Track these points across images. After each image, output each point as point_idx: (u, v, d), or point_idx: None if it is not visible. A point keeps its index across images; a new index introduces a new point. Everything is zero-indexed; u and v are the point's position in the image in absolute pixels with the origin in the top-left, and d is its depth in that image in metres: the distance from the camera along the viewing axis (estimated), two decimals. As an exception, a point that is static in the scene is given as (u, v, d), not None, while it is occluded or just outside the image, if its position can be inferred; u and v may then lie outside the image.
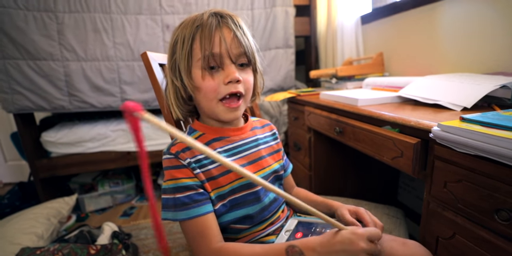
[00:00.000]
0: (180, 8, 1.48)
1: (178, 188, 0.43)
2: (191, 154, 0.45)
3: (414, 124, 0.52)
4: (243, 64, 0.45)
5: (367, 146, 0.65)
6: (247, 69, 0.46)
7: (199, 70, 0.43)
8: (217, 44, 0.42)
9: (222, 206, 0.46)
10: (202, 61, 0.42)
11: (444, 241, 0.48)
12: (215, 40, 0.42)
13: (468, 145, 0.38)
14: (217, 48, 0.42)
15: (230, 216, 0.46)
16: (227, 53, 0.42)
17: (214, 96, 0.44)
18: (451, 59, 0.94)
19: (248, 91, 0.46)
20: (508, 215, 0.36)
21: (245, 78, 0.45)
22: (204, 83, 0.43)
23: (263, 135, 0.55)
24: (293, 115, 1.19)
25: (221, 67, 0.43)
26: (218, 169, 0.46)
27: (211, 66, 0.43)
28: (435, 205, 0.50)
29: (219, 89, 0.43)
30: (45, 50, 1.31)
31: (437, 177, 0.48)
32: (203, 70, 0.43)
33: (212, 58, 0.42)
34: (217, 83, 0.43)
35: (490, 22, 0.80)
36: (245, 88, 0.45)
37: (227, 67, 0.43)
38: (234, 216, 0.46)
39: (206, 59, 0.42)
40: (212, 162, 0.46)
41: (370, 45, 1.37)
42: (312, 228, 0.48)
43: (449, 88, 0.67)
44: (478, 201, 0.41)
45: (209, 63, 0.42)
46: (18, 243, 1.04)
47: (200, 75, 0.43)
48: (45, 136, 1.41)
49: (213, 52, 0.42)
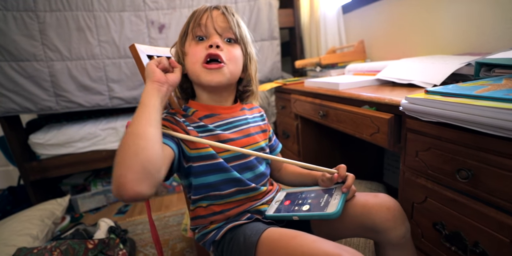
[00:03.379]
0: (164, 4, 1.48)
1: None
2: (189, 121, 0.50)
3: (388, 101, 0.56)
4: (230, 39, 0.50)
5: (348, 125, 0.69)
6: (235, 45, 0.51)
7: (191, 40, 0.50)
8: (205, 18, 0.49)
9: (207, 165, 0.48)
10: (190, 33, 0.49)
11: (418, 205, 0.53)
12: (203, 16, 0.49)
13: (431, 113, 0.42)
14: (204, 20, 0.49)
15: (221, 176, 0.49)
16: (212, 25, 0.48)
17: (197, 59, 0.48)
18: (425, 43, 0.99)
19: (231, 62, 0.49)
20: (466, 173, 0.40)
21: (228, 48, 0.49)
22: (191, 48, 0.49)
23: (252, 116, 0.58)
24: (281, 104, 1.22)
25: (206, 38, 0.49)
26: (210, 138, 0.49)
27: (198, 35, 0.49)
28: (410, 174, 0.54)
29: (201, 53, 0.48)
30: (27, 50, 1.29)
31: (409, 148, 0.52)
32: (192, 40, 0.50)
33: (199, 28, 0.49)
34: (199, 48, 0.48)
35: (459, 9, 0.84)
36: (227, 57, 0.49)
37: (211, 36, 0.49)
38: (227, 177, 0.49)
39: (193, 30, 0.49)
40: (204, 132, 0.49)
41: (352, 33, 1.41)
42: (298, 196, 0.51)
43: (422, 69, 0.71)
44: (443, 165, 0.45)
45: (196, 33, 0.49)
46: (13, 245, 1.04)
47: (189, 45, 0.50)
48: (33, 138, 1.40)
49: (200, 22, 0.49)
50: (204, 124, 0.50)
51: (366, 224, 0.46)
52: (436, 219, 0.49)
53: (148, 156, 0.35)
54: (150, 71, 0.44)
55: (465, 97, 0.37)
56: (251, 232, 0.44)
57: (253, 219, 0.49)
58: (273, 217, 0.49)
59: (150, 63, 0.45)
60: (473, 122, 0.35)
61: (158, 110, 0.41)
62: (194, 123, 0.50)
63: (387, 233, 0.44)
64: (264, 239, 0.42)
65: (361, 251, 0.56)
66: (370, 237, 0.48)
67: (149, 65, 0.45)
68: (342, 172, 0.48)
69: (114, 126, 1.47)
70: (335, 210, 0.42)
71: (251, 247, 0.41)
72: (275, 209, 0.50)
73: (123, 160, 0.35)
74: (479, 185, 0.40)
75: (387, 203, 0.45)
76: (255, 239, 0.42)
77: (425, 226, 0.52)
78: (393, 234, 0.44)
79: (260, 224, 0.47)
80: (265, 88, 1.17)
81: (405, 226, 0.45)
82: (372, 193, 0.49)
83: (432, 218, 0.50)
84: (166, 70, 0.47)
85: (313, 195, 0.50)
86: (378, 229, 0.45)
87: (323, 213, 0.43)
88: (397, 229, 0.44)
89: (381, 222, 0.44)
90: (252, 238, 0.42)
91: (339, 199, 0.45)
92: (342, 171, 0.49)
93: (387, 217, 0.44)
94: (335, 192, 0.48)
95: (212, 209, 0.50)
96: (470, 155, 0.41)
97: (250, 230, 0.45)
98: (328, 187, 0.50)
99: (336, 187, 0.49)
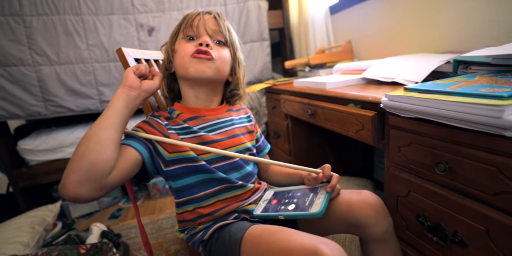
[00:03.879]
0: (153, 7, 1.48)
1: (134, 130, 0.48)
2: (171, 123, 0.50)
3: (371, 99, 0.58)
4: (220, 42, 0.53)
5: (335, 124, 0.70)
6: (224, 47, 0.53)
7: (181, 39, 0.52)
8: (196, 20, 0.52)
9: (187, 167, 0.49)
10: (181, 32, 0.51)
11: (402, 199, 0.54)
12: (195, 18, 0.52)
13: (409, 110, 0.44)
14: (196, 21, 0.52)
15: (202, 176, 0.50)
16: (203, 26, 0.51)
17: (186, 53, 0.50)
18: (410, 42, 1.02)
19: (219, 60, 0.51)
20: (444, 166, 0.42)
21: (217, 48, 0.52)
22: (180, 46, 0.51)
23: (238, 117, 0.59)
24: (271, 105, 1.23)
25: (197, 38, 0.52)
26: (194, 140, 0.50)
27: (189, 35, 0.51)
28: (393, 169, 0.55)
29: (190, 48, 0.50)
30: (14, 55, 1.27)
31: (392, 144, 0.54)
32: (182, 39, 0.52)
33: (191, 28, 0.51)
34: (190, 45, 0.51)
35: (441, 8, 0.87)
36: (216, 55, 0.51)
37: (202, 36, 0.51)
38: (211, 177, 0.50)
39: (185, 30, 0.51)
40: (188, 134, 0.50)
41: (339, 33, 1.44)
42: (285, 195, 0.52)
43: (404, 67, 0.73)
44: (423, 159, 0.47)
45: (187, 32, 0.51)
46: (3, 253, 1.02)
47: (180, 42, 0.52)
48: (21, 144, 1.38)
49: (192, 23, 0.51)
50: (188, 126, 0.51)
51: (350, 220, 0.47)
52: (419, 211, 0.51)
53: (93, 159, 0.36)
54: (124, 76, 0.45)
55: (439, 93, 0.39)
56: (236, 230, 0.45)
57: (240, 218, 0.50)
58: (260, 216, 0.50)
59: (128, 69, 0.46)
60: (446, 116, 0.37)
61: (119, 113, 0.41)
62: (177, 125, 0.50)
63: (370, 229, 0.46)
64: (247, 236, 0.43)
65: (347, 246, 0.57)
66: (355, 233, 0.49)
67: (126, 71, 0.46)
68: (327, 172, 0.50)
69: (105, 130, 1.46)
70: (318, 210, 0.44)
71: (236, 244, 0.42)
72: (263, 209, 0.51)
73: (71, 160, 0.36)
74: (456, 177, 0.42)
75: (370, 200, 0.47)
76: (240, 236, 0.43)
77: (409, 218, 0.53)
78: (376, 230, 0.46)
79: (245, 223, 0.48)
80: (255, 89, 1.18)
81: (387, 221, 0.47)
82: (356, 190, 0.50)
83: (415, 210, 0.51)
84: (144, 77, 0.48)
85: (299, 194, 0.51)
86: (362, 225, 0.46)
87: (307, 213, 0.45)
88: (380, 225, 0.46)
89: (364, 219, 0.46)
90: (236, 236, 0.43)
91: (323, 198, 0.46)
92: (326, 171, 0.50)
93: (370, 214, 0.46)
94: (319, 191, 0.49)
95: (198, 212, 0.51)
96: (447, 148, 0.42)
97: (235, 228, 0.46)
98: (314, 186, 0.52)
99: (321, 186, 0.50)
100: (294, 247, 0.36)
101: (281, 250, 0.37)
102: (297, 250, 0.35)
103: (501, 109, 0.29)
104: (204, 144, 0.49)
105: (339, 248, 0.35)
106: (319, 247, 0.34)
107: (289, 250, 0.36)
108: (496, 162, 0.36)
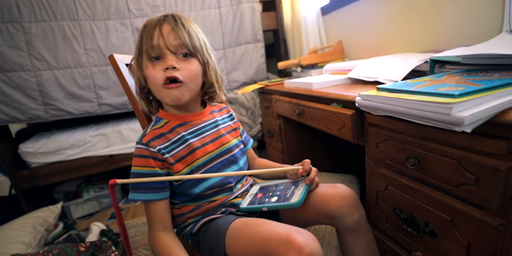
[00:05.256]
0: (148, 11, 1.51)
1: (141, 174, 0.50)
2: (162, 141, 0.52)
3: (351, 98, 0.60)
4: (186, 54, 0.50)
5: (320, 122, 0.73)
6: (191, 59, 0.51)
7: (147, 62, 0.50)
8: (156, 38, 0.48)
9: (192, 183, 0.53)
10: (145, 54, 0.49)
11: (381, 193, 0.57)
12: (154, 34, 0.49)
13: (379, 108, 0.46)
14: (156, 41, 0.48)
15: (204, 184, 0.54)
16: (164, 45, 0.48)
17: (158, 82, 0.49)
18: (397, 41, 1.04)
19: (189, 79, 0.50)
20: (414, 161, 0.45)
21: (184, 66, 0.50)
22: (148, 71, 0.50)
23: (221, 117, 0.62)
24: (264, 105, 1.26)
25: (162, 57, 0.49)
26: (185, 150, 0.53)
27: (152, 56, 0.49)
28: (373, 164, 0.58)
29: (159, 75, 0.49)
30: (14, 61, 1.31)
31: (371, 141, 0.57)
32: (148, 61, 0.50)
33: (152, 50, 0.49)
34: (157, 71, 0.49)
35: (426, 9, 0.90)
36: (184, 75, 0.49)
37: (166, 57, 0.49)
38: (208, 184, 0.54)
39: (147, 51, 0.49)
40: (180, 145, 0.53)
41: (331, 34, 1.47)
42: (269, 188, 0.56)
43: (386, 67, 0.75)
44: (397, 154, 0.50)
45: (150, 54, 0.49)
46: (6, 253, 1.05)
47: (145, 66, 0.50)
48: (23, 147, 1.41)
49: (153, 44, 0.48)
50: (178, 138, 0.53)
51: (325, 211, 0.50)
52: (396, 204, 0.53)
53: None
54: None
55: (404, 93, 0.41)
56: (222, 223, 0.48)
57: (227, 213, 0.53)
58: (245, 209, 0.54)
59: None
60: (408, 114, 0.39)
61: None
62: (168, 141, 0.52)
63: (343, 219, 0.49)
64: (231, 229, 0.46)
65: (326, 238, 0.60)
66: (331, 224, 0.52)
67: None
68: (306, 167, 0.53)
69: (104, 132, 1.49)
70: (297, 200, 0.47)
71: (222, 236, 0.45)
72: (249, 202, 0.55)
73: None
74: (425, 170, 0.44)
75: (343, 192, 0.50)
76: (224, 229, 0.46)
77: (387, 211, 0.56)
78: (349, 220, 0.49)
79: (231, 216, 0.51)
80: (248, 89, 1.21)
81: (358, 212, 0.50)
82: (332, 184, 0.54)
83: (392, 204, 0.54)
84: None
85: (282, 187, 0.54)
86: (335, 215, 0.49)
87: (287, 204, 0.48)
88: (352, 215, 0.49)
89: (337, 210, 0.49)
90: (222, 229, 0.47)
91: (302, 190, 0.49)
92: (306, 165, 0.53)
93: (341, 205, 0.49)
94: (300, 184, 0.52)
95: (186, 208, 0.54)
96: (416, 144, 0.45)
97: (221, 222, 0.49)
98: (295, 180, 0.55)
99: (301, 179, 0.54)
100: (271, 236, 0.39)
101: (260, 240, 0.41)
102: (274, 239, 0.39)
103: (449, 107, 0.32)
104: (194, 150, 0.53)
105: (312, 236, 0.39)
106: (293, 235, 0.38)
107: (267, 239, 0.40)
108: (456, 156, 0.38)
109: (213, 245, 0.47)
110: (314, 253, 0.37)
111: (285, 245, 0.37)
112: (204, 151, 0.55)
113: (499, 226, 0.35)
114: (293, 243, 0.37)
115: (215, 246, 0.46)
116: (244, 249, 0.43)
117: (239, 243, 0.44)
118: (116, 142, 1.51)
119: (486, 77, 0.40)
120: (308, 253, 0.36)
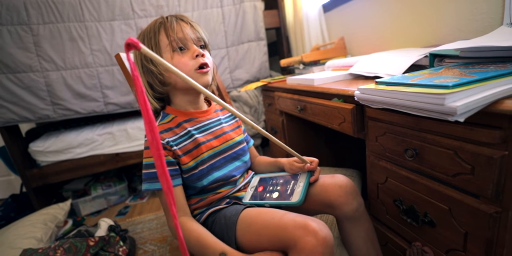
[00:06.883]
0: (152, 11, 1.54)
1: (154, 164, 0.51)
2: (170, 134, 0.54)
3: (351, 93, 0.61)
4: (201, 46, 0.57)
5: (321, 117, 0.74)
6: (205, 50, 0.58)
7: (169, 54, 0.53)
8: (180, 31, 0.54)
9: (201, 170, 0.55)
10: (171, 46, 0.53)
11: (381, 185, 0.58)
12: (176, 29, 0.54)
13: (378, 101, 0.47)
14: (180, 34, 0.54)
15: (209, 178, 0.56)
16: (189, 37, 0.54)
17: (190, 68, 0.53)
18: (399, 37, 1.04)
19: (212, 66, 0.57)
20: (412, 152, 0.46)
21: (206, 55, 0.57)
22: (175, 60, 0.53)
23: (224, 116, 0.65)
24: (267, 102, 1.27)
25: (186, 48, 0.55)
26: (191, 144, 0.56)
27: (178, 47, 0.54)
28: (373, 157, 0.59)
29: (190, 62, 0.53)
30: (23, 62, 1.35)
31: (371, 134, 0.58)
32: (173, 52, 0.53)
33: (179, 41, 0.54)
34: (186, 59, 0.54)
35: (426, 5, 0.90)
36: (210, 63, 0.56)
37: (191, 47, 0.54)
38: (213, 178, 0.56)
39: (174, 42, 0.53)
40: (186, 139, 0.55)
41: (333, 31, 1.47)
42: (269, 182, 0.57)
43: (387, 62, 0.76)
44: (396, 147, 0.51)
45: (174, 46, 0.53)
46: (19, 247, 1.09)
47: (170, 57, 0.53)
48: (33, 146, 1.46)
49: (179, 36, 0.53)
50: (185, 133, 0.56)
51: (324, 201, 0.52)
52: (396, 196, 0.54)
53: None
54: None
55: (401, 85, 0.42)
56: (231, 213, 0.51)
57: (231, 203, 0.55)
58: (249, 204, 0.56)
59: None
60: (405, 106, 0.41)
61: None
62: (175, 135, 0.55)
63: (342, 208, 0.51)
64: (242, 217, 0.48)
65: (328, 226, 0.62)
66: (330, 213, 0.54)
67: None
68: (314, 166, 0.55)
69: (110, 131, 1.53)
70: (298, 199, 0.50)
71: (232, 225, 0.48)
72: (251, 196, 0.57)
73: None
74: (423, 162, 0.45)
75: (341, 182, 0.52)
76: (235, 219, 0.48)
77: (388, 203, 0.57)
78: (347, 209, 0.50)
79: (238, 206, 0.53)
80: (251, 87, 1.23)
81: (356, 201, 0.51)
82: (331, 175, 0.55)
83: (393, 195, 0.55)
84: None
85: (281, 181, 0.56)
86: (334, 205, 0.51)
87: (288, 202, 0.51)
88: (349, 204, 0.51)
89: (335, 199, 0.51)
90: (232, 218, 0.49)
91: (302, 187, 0.51)
92: (314, 164, 0.55)
93: (340, 194, 0.50)
94: (299, 178, 0.54)
95: (191, 201, 0.57)
96: (414, 136, 0.46)
97: (230, 212, 0.51)
98: (294, 173, 0.56)
99: (300, 174, 0.55)
100: (288, 222, 0.42)
101: (276, 226, 0.43)
102: (290, 225, 0.42)
103: (443, 97, 0.33)
104: (199, 145, 0.56)
105: (324, 224, 0.42)
106: (308, 222, 0.41)
107: (284, 225, 0.42)
108: (452, 146, 0.39)
109: (223, 234, 0.49)
110: (327, 238, 0.40)
111: (302, 229, 0.40)
112: (209, 146, 0.57)
113: (495, 214, 0.36)
114: (309, 228, 0.40)
115: (225, 234, 0.48)
116: (256, 237, 0.45)
117: (251, 229, 0.46)
118: (122, 140, 1.54)
119: (482, 69, 0.41)
120: (323, 238, 0.39)
